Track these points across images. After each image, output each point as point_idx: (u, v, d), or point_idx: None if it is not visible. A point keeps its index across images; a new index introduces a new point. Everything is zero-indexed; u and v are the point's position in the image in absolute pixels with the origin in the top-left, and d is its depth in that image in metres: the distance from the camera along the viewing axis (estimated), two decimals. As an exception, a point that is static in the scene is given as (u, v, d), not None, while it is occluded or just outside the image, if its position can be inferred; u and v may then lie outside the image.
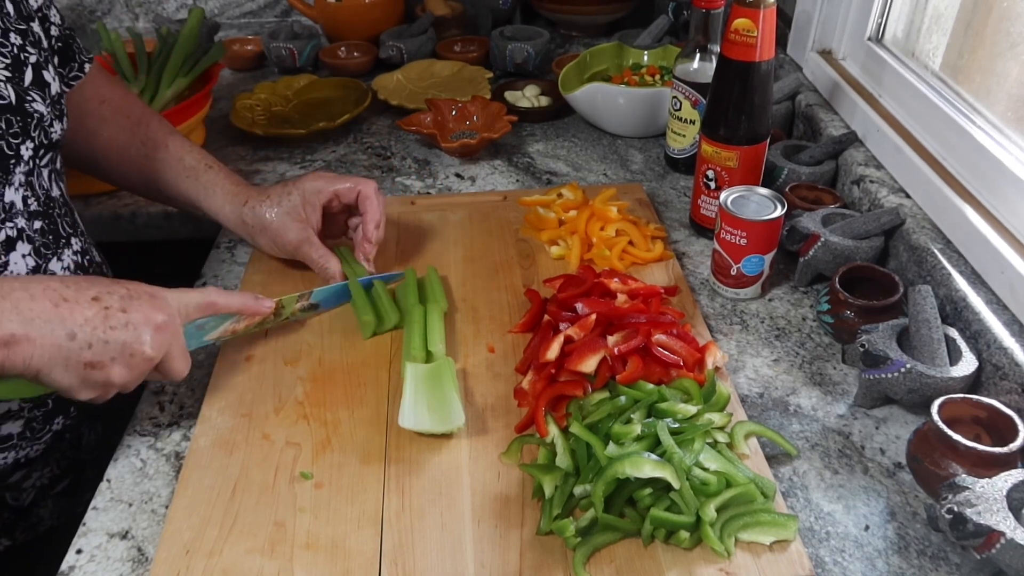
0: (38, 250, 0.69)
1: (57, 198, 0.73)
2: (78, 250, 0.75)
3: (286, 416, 0.70)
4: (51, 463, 0.80)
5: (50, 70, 0.70)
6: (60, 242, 0.72)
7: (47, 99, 0.69)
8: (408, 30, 1.42)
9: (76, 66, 0.81)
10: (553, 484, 0.61)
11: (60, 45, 0.78)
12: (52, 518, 0.82)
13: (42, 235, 0.70)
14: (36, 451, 0.75)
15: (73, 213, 0.77)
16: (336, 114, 1.17)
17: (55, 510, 0.82)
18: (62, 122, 0.72)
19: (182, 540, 0.60)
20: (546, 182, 1.07)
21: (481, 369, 0.75)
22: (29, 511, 0.80)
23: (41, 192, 0.70)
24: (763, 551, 0.58)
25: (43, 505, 0.81)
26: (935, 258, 0.75)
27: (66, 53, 0.80)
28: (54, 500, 0.82)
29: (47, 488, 0.81)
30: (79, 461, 0.84)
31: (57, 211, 0.73)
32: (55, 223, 0.72)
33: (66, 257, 0.73)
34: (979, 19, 0.85)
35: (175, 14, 1.63)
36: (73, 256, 0.74)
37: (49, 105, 0.69)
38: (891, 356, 0.67)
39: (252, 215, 0.82)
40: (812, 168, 0.95)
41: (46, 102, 0.69)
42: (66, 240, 0.73)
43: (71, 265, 0.73)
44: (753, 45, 0.80)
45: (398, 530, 0.60)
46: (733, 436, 0.65)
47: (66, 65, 0.80)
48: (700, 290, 0.86)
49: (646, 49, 1.26)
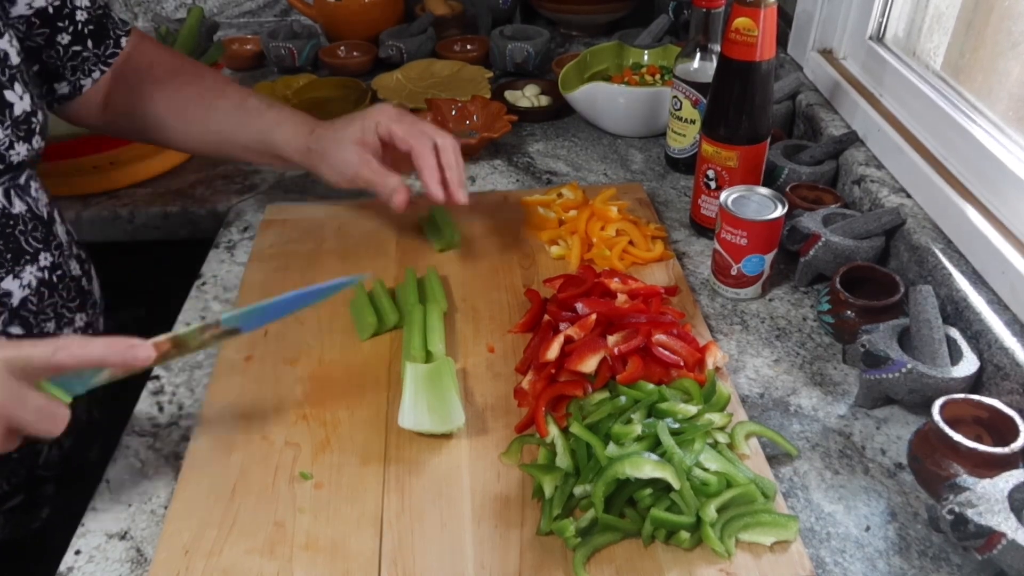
0: None
1: (20, 214, 0.70)
2: (46, 265, 0.72)
3: (285, 416, 0.70)
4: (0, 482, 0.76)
5: (16, 88, 0.67)
6: (22, 259, 0.69)
7: (6, 122, 0.66)
8: (408, 30, 1.42)
9: (112, 43, 0.82)
10: (553, 484, 0.61)
11: (92, 27, 0.79)
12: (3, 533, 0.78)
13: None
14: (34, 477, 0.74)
15: (51, 226, 0.74)
16: (336, 114, 1.15)
17: (6, 526, 0.79)
18: (30, 141, 0.69)
19: (181, 540, 0.60)
20: (546, 182, 1.07)
21: (481, 369, 0.75)
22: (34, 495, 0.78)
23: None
24: (764, 552, 0.58)
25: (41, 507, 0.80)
26: (936, 258, 0.75)
27: (100, 33, 0.80)
28: (5, 516, 0.78)
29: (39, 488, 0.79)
30: (35, 478, 0.80)
31: (20, 228, 0.69)
32: (15, 241, 0.69)
33: (27, 275, 0.70)
34: (980, 18, 0.85)
35: (174, 13, 1.63)
36: (38, 272, 0.71)
37: (10, 127, 0.66)
38: (892, 356, 0.66)
39: (317, 142, 0.82)
40: (813, 168, 0.95)
41: (4, 125, 0.66)
42: (31, 256, 0.70)
43: (32, 282, 0.70)
44: (754, 45, 0.80)
45: (398, 530, 0.60)
46: (733, 436, 0.65)
47: (101, 44, 0.81)
48: (700, 290, 0.86)
49: (646, 49, 1.26)
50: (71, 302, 0.77)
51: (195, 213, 1.03)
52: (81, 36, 0.79)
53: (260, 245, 0.93)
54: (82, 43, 0.79)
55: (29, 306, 0.71)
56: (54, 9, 0.75)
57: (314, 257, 0.90)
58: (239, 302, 0.84)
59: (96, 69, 0.82)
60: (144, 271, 1.06)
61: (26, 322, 0.71)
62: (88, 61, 0.81)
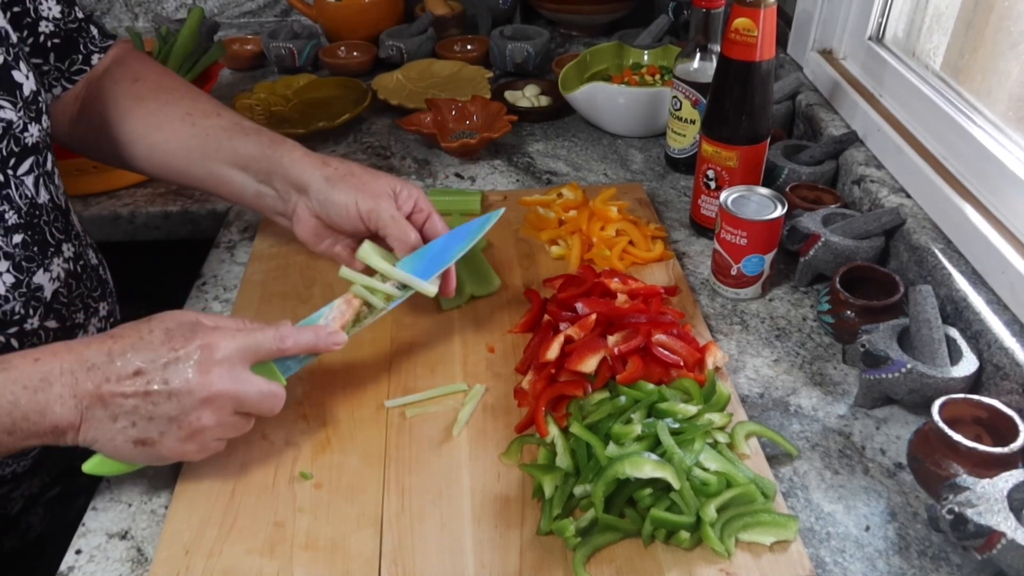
0: (19, 265, 0.66)
1: (45, 204, 0.69)
2: (70, 256, 0.72)
3: (286, 416, 0.70)
4: (40, 473, 0.79)
5: (21, 68, 0.65)
6: (48, 251, 0.69)
7: (18, 102, 0.64)
8: (408, 30, 1.42)
9: (80, 58, 0.78)
10: (553, 484, 0.61)
11: (57, 41, 0.75)
12: (43, 524, 0.81)
13: (24, 248, 0.66)
14: (23, 467, 0.74)
15: (68, 215, 0.74)
16: (336, 114, 1.17)
17: (46, 516, 0.81)
18: (40, 122, 0.67)
19: (181, 540, 0.60)
20: (546, 182, 1.07)
21: (481, 369, 0.75)
22: (18, 519, 0.79)
23: (23, 202, 0.66)
24: (763, 551, 0.58)
25: (33, 512, 0.80)
26: (936, 258, 0.75)
27: (66, 47, 0.76)
28: (45, 507, 0.81)
29: (37, 496, 0.80)
30: (72, 468, 0.82)
31: (45, 218, 0.69)
32: (41, 232, 0.68)
33: (55, 267, 0.70)
34: (980, 18, 0.85)
35: (175, 13, 1.63)
36: (64, 264, 0.71)
37: (21, 108, 0.65)
38: (892, 356, 0.67)
39: (337, 161, 0.76)
40: (812, 168, 0.95)
41: (17, 106, 0.64)
42: (55, 248, 0.70)
43: (60, 274, 0.70)
44: (753, 45, 0.80)
45: (398, 530, 0.60)
46: (733, 436, 0.65)
47: (66, 59, 0.76)
48: (700, 290, 0.86)
49: (646, 49, 1.26)
50: (94, 291, 0.77)
51: (195, 213, 1.03)
52: (42, 49, 0.74)
53: (260, 245, 0.93)
54: (42, 56, 0.75)
55: (61, 299, 0.71)
56: (13, 15, 0.70)
57: (314, 257, 0.90)
58: (239, 302, 0.84)
59: (57, 84, 0.77)
60: (145, 271, 1.06)
61: (60, 315, 0.71)
62: (48, 75, 0.76)
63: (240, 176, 0.78)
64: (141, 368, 0.56)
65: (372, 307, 0.68)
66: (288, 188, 0.76)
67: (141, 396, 0.55)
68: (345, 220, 0.74)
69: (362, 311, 0.67)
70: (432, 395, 0.72)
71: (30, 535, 0.80)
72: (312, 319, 0.66)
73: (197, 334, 0.58)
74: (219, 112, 0.79)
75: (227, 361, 0.58)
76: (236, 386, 0.58)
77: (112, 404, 0.55)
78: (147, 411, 0.56)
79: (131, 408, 0.56)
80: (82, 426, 0.56)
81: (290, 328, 0.62)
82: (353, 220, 0.74)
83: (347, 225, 0.74)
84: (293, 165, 0.75)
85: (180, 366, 0.56)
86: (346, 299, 0.67)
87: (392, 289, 0.68)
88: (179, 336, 0.57)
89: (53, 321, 0.70)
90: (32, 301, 0.67)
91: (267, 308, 0.83)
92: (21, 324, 0.67)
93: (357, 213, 0.73)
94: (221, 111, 0.80)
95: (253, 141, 0.77)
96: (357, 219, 0.73)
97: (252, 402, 0.59)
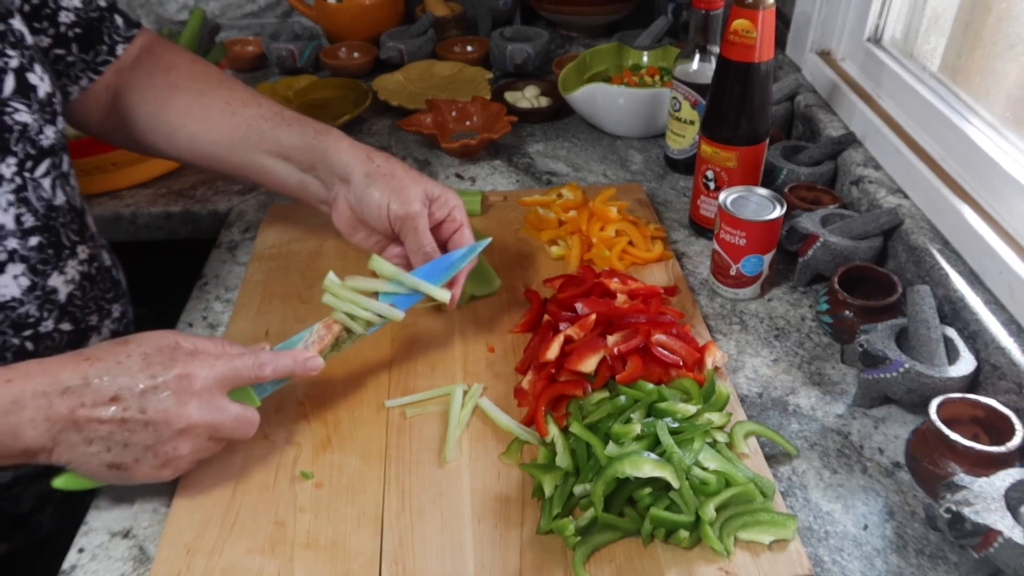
0: (34, 267, 0.66)
1: (61, 206, 0.69)
2: (85, 258, 0.72)
3: (286, 415, 0.71)
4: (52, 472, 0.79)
5: (36, 70, 0.65)
6: (63, 253, 0.69)
7: (34, 104, 0.64)
8: (408, 31, 1.43)
9: (106, 48, 0.77)
10: (553, 484, 0.61)
11: (79, 31, 0.74)
12: (53, 522, 0.81)
13: (40, 251, 0.66)
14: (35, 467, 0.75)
15: (83, 216, 0.74)
16: (336, 115, 1.18)
17: (56, 515, 0.81)
18: (56, 124, 0.68)
19: (183, 539, 0.60)
20: (546, 182, 1.07)
21: (481, 369, 0.75)
22: (29, 517, 0.79)
23: (40, 205, 0.66)
24: (762, 550, 0.58)
25: (44, 511, 0.80)
26: (933, 258, 0.76)
27: (90, 38, 0.75)
28: (55, 506, 0.81)
29: (47, 495, 0.80)
30: None
31: (61, 220, 0.69)
32: (56, 235, 0.68)
33: (70, 269, 0.69)
34: (977, 20, 0.85)
35: (176, 15, 1.63)
36: (79, 266, 0.71)
37: (37, 111, 0.64)
38: (890, 356, 0.67)
39: (381, 158, 0.75)
40: (811, 168, 0.95)
41: (32, 108, 0.64)
42: (71, 250, 0.70)
43: (75, 276, 0.70)
44: (752, 46, 0.80)
45: (398, 530, 0.60)
46: (733, 436, 0.66)
47: (90, 50, 0.76)
48: (700, 290, 0.86)
49: (646, 50, 1.26)
50: (107, 293, 0.77)
51: (197, 213, 1.04)
52: (64, 40, 0.74)
53: (261, 245, 0.93)
54: (65, 47, 0.74)
55: (75, 301, 0.71)
56: (32, 8, 0.70)
57: (314, 257, 0.91)
58: (240, 302, 0.84)
59: (83, 76, 0.77)
60: (146, 271, 1.06)
61: (74, 317, 0.71)
62: (74, 67, 0.76)
63: (283, 166, 0.78)
64: (118, 395, 0.55)
65: (351, 332, 0.68)
66: (332, 177, 0.76)
67: (117, 423, 0.55)
68: (376, 220, 0.74)
69: (341, 335, 0.67)
70: (432, 395, 0.72)
71: (40, 533, 0.81)
72: (291, 343, 0.66)
73: (176, 361, 0.57)
74: (259, 101, 0.79)
75: (205, 391, 0.57)
76: (213, 416, 0.58)
77: (87, 428, 0.55)
78: (122, 438, 0.55)
79: (106, 434, 0.55)
80: (55, 449, 0.55)
81: (269, 354, 0.61)
82: (383, 221, 0.73)
83: (377, 224, 0.74)
84: (340, 156, 0.74)
85: (158, 395, 0.55)
86: (326, 324, 0.67)
87: (372, 316, 0.68)
88: (157, 362, 0.56)
89: (67, 323, 0.70)
90: (47, 304, 0.67)
91: (268, 308, 0.83)
92: (36, 327, 0.67)
93: (387, 215, 0.73)
94: (260, 100, 0.79)
95: (297, 131, 0.76)
96: (386, 221, 0.73)
97: (227, 429, 0.60)
